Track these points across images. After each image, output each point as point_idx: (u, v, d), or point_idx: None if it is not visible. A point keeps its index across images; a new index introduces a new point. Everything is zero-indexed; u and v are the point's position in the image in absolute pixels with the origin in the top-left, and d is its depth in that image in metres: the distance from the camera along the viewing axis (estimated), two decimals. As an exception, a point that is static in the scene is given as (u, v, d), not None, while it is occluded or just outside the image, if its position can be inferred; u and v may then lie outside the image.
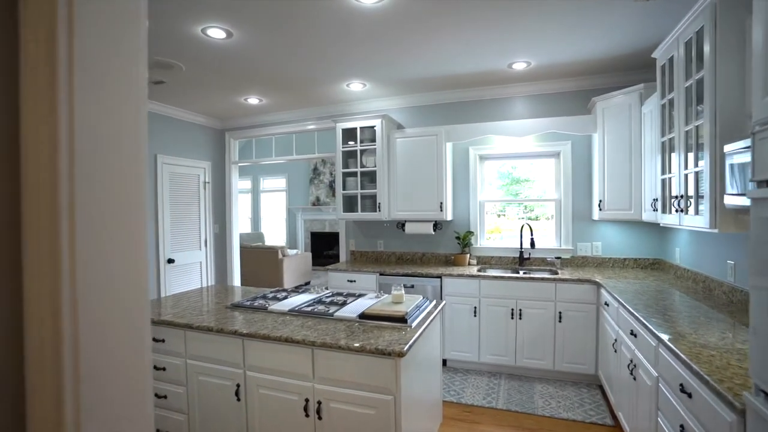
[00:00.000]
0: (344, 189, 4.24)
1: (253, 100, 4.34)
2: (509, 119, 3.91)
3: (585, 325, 3.24)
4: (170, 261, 4.59)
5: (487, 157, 4.22)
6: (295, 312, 2.29)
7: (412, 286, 3.72)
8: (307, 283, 7.88)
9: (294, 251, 7.53)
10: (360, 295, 2.65)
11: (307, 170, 9.95)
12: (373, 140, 4.12)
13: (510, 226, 4.38)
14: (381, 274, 3.83)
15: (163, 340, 2.25)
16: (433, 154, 3.93)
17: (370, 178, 4.26)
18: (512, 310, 3.43)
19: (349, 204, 4.35)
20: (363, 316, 2.15)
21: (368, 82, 3.83)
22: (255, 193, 10.62)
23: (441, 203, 3.92)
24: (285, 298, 2.63)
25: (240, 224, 10.80)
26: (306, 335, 1.90)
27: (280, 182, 10.38)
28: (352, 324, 2.09)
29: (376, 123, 4.02)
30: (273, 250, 7.03)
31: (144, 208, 0.63)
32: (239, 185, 11.01)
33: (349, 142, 4.23)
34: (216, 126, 5.25)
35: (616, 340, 2.58)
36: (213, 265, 5.21)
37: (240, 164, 5.43)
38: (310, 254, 7.94)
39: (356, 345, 1.76)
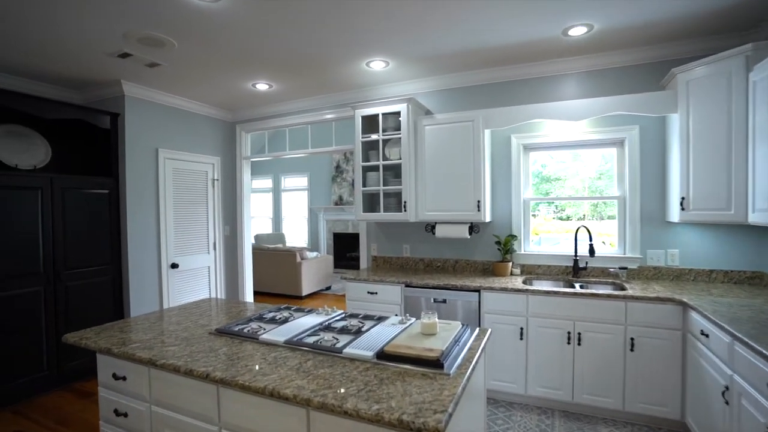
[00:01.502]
0: (365, 185, 3.68)
1: (262, 86, 3.85)
2: (562, 100, 3.24)
3: (666, 357, 2.55)
4: (174, 266, 4.16)
5: (532, 147, 3.56)
6: (294, 343, 1.74)
7: (444, 301, 3.12)
8: (328, 288, 7.38)
9: (314, 254, 7.05)
10: (380, 319, 2.08)
11: (330, 168, 9.48)
12: (398, 129, 3.53)
13: (551, 227, 3.70)
14: (407, 286, 3.24)
15: (125, 378, 1.75)
16: (469, 143, 3.31)
17: (394, 172, 3.68)
18: (569, 333, 2.77)
19: (370, 203, 3.78)
20: (382, 355, 1.57)
21: (392, 59, 3.25)
22: (276, 192, 10.24)
23: (478, 202, 3.29)
24: (285, 320, 2.09)
25: (260, 225, 10.47)
26: (300, 387, 1.34)
27: (302, 181, 9.96)
28: (367, 368, 1.51)
29: (401, 108, 3.43)
30: (291, 253, 6.57)
31: None
32: (260, 184, 10.73)
33: (371, 133, 3.66)
34: (226, 118, 4.80)
35: (728, 388, 1.89)
36: (223, 270, 4.77)
37: (252, 159, 4.96)
38: (331, 257, 7.44)
39: (370, 411, 1.18)
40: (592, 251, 3.11)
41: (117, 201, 3.75)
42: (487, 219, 3.43)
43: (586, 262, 3.27)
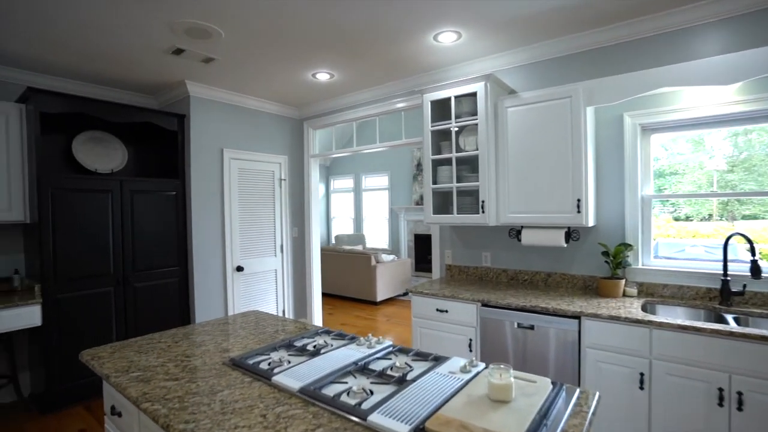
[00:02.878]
0: (435, 182, 3.14)
1: (323, 75, 3.52)
2: (693, 60, 2.33)
3: None
4: (239, 269, 4.06)
5: (655, 128, 2.68)
6: (310, 394, 1.30)
7: (531, 327, 2.44)
8: (405, 294, 6.94)
9: (390, 257, 6.66)
10: (436, 362, 1.54)
11: (410, 166, 9.04)
12: (474, 114, 2.93)
13: (670, 230, 2.76)
14: (484, 305, 2.63)
15: (120, 414, 1.48)
16: (565, 126, 2.58)
17: (470, 166, 3.08)
18: (720, 391, 1.92)
19: (442, 202, 3.23)
20: (422, 433, 1.05)
21: (464, 28, 2.66)
22: (357, 192, 10.12)
23: (578, 201, 2.54)
24: (317, 352, 1.66)
25: (341, 225, 10.45)
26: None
27: (382, 180, 9.68)
28: (397, 453, 1.00)
29: (477, 88, 2.82)
30: (365, 256, 6.26)
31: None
32: (340, 184, 10.72)
33: (441, 120, 3.11)
34: (293, 115, 4.62)
35: None
36: (290, 273, 4.59)
37: (321, 157, 4.71)
38: (409, 260, 6.99)
39: None
40: (756, 270, 2.17)
41: (183, 203, 3.73)
42: (590, 222, 2.65)
43: (744, 285, 2.32)
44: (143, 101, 4.01)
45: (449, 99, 3.00)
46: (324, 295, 6.98)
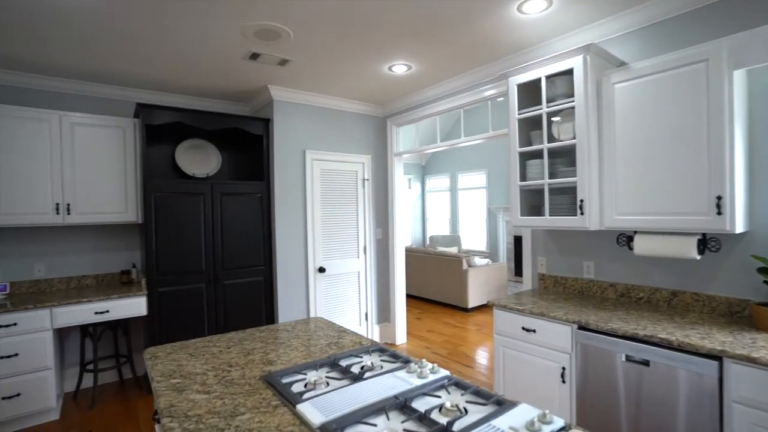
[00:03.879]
0: (523, 179, 2.70)
1: (400, 67, 3.30)
2: None
3: None
4: (321, 270, 4.07)
5: None
6: (331, 433, 1.08)
7: (646, 363, 1.89)
8: (501, 301, 6.36)
9: (484, 261, 6.17)
10: (500, 407, 1.21)
11: (508, 164, 8.34)
12: (570, 95, 2.43)
13: None
14: (581, 328, 2.14)
15: (158, 421, 1.45)
16: (699, 100, 1.95)
17: (566, 159, 2.57)
18: None
19: (532, 202, 2.77)
20: None
21: (556, -10, 2.20)
22: (453, 191, 9.73)
23: (718, 199, 1.90)
24: (360, 376, 1.44)
25: (436, 226, 10.15)
26: None
27: (479, 178, 9.14)
28: None
29: (575, 63, 2.32)
30: (456, 259, 5.89)
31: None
32: (435, 184, 10.41)
33: (530, 106, 2.66)
34: (376, 113, 4.50)
35: None
36: (374, 275, 4.49)
37: (406, 155, 4.51)
38: (506, 264, 6.40)
39: None
40: None
41: (269, 204, 3.86)
42: (738, 228, 1.97)
43: None
44: (235, 108, 4.27)
45: (539, 80, 2.54)
46: (413, 298, 6.79)
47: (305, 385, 1.40)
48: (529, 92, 2.68)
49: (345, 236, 4.29)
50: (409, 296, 6.93)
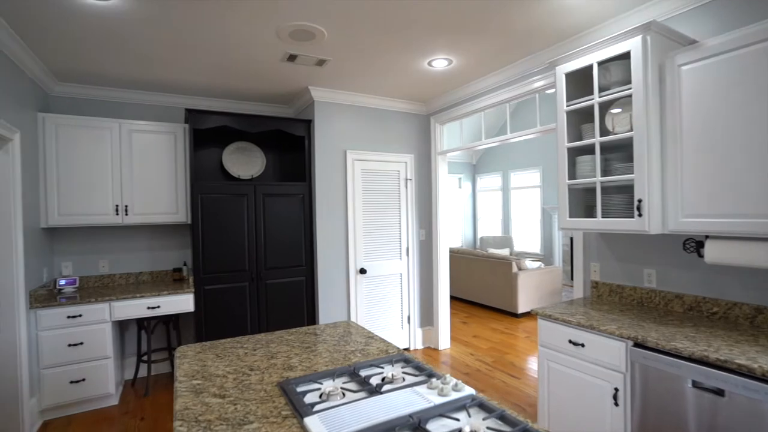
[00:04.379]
0: (572, 177, 2.46)
1: (440, 62, 3.17)
2: None
3: None
4: (362, 271, 4.04)
5: None
6: (332, 454, 1.01)
7: (720, 393, 1.62)
8: (555, 307, 5.97)
9: (536, 264, 5.82)
10: (517, 436, 1.06)
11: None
12: (627, 82, 2.17)
13: None
14: (638, 345, 1.89)
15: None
16: (790, 79, 1.63)
17: (622, 154, 2.31)
18: None
19: (582, 202, 2.52)
20: None
21: (609, -35, 1.96)
22: (505, 191, 9.32)
23: (816, 198, 1.58)
24: (378, 389, 1.36)
25: (488, 227, 9.78)
26: None
27: (533, 177, 8.67)
28: None
29: (632, 45, 2.06)
30: (506, 262, 5.60)
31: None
32: (487, 183, 10.03)
33: (580, 97, 2.42)
34: (420, 111, 4.38)
35: None
36: (417, 278, 4.38)
37: (450, 153, 4.35)
38: (560, 268, 6.00)
39: None
40: None
41: (310, 205, 3.89)
42: None
43: None
44: (280, 111, 4.36)
45: (590, 67, 2.29)
46: (460, 301, 6.58)
47: (320, 395, 1.34)
48: (579, 81, 2.44)
49: (387, 237, 4.22)
50: (455, 299, 6.73)
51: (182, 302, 3.35)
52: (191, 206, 3.39)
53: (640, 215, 2.05)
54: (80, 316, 3.02)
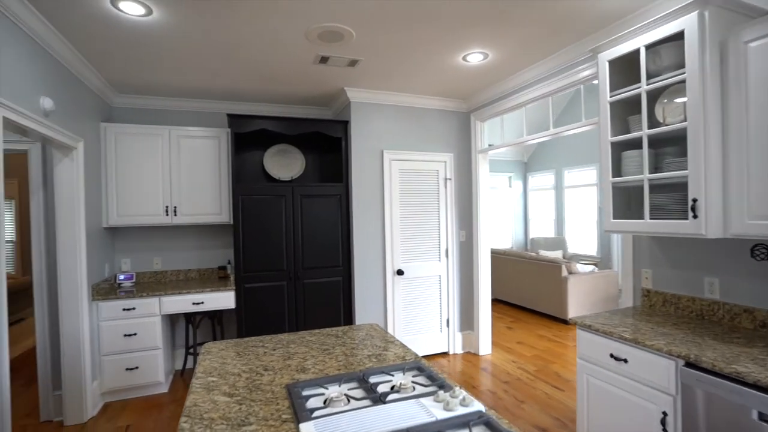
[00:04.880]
0: (616, 174, 2.24)
1: (475, 56, 3.04)
2: None
3: None
4: (399, 272, 3.99)
5: None
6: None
7: (788, 424, 1.38)
8: (612, 315, 5.52)
9: (588, 268, 5.44)
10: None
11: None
12: (679, 66, 1.92)
13: None
14: (690, 365, 1.67)
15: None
16: None
17: (675, 148, 2.06)
18: None
19: (628, 202, 2.29)
20: None
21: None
22: (558, 190, 8.81)
23: None
24: (382, 398, 1.31)
25: (540, 227, 9.29)
26: None
27: (589, 174, 8.10)
28: None
29: (686, 23, 1.82)
30: (554, 265, 5.28)
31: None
32: (538, 182, 9.52)
33: (626, 86, 2.19)
34: (459, 108, 4.24)
35: None
36: (456, 280, 4.25)
37: (491, 152, 4.18)
38: (617, 272, 5.54)
39: None
40: None
41: (347, 205, 3.91)
42: None
43: None
44: (319, 113, 4.43)
45: (637, 52, 2.07)
46: (506, 305, 6.31)
47: (324, 401, 1.31)
48: (625, 69, 2.21)
49: (425, 238, 4.14)
50: (501, 302, 6.47)
51: (224, 299, 3.50)
52: (233, 207, 3.54)
53: (695, 216, 1.81)
54: (134, 309, 3.26)
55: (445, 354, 4.19)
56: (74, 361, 2.97)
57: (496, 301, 6.67)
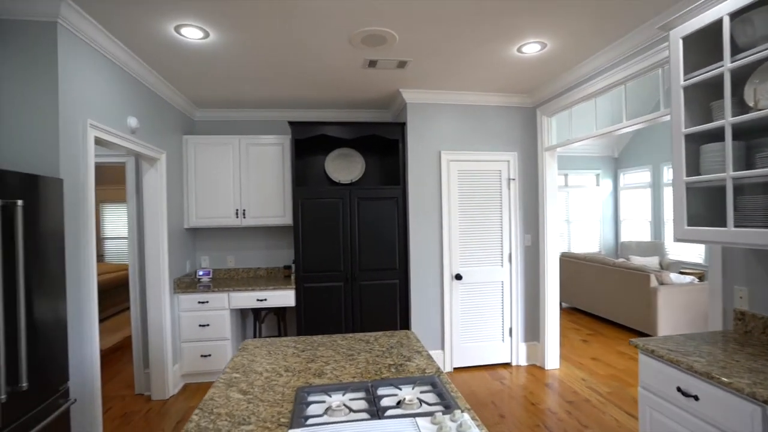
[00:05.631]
0: (693, 173, 1.90)
1: (532, 46, 2.81)
2: None
3: None
4: (458, 277, 3.85)
5: None
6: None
7: None
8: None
9: (686, 279, 4.70)
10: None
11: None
12: (775, 37, 1.56)
13: None
14: (777, 408, 1.34)
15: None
16: None
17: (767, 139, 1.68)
18: None
19: (707, 206, 1.93)
20: None
21: None
22: (656, 188, 7.77)
23: None
24: (378, 413, 1.27)
25: (632, 230, 8.26)
26: None
27: (698, 169, 6.98)
28: None
29: (780, -15, 1.47)
30: (642, 274, 4.67)
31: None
32: (633, 179, 8.45)
33: (704, 66, 1.84)
34: (523, 104, 3.96)
35: None
36: (521, 287, 3.97)
37: (559, 149, 3.83)
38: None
39: None
40: None
41: (404, 208, 3.87)
42: None
43: None
44: (379, 116, 4.46)
45: (719, 23, 1.72)
46: (585, 315, 5.73)
47: (326, 409, 1.31)
48: (702, 46, 1.86)
49: (486, 242, 3.94)
50: (578, 311, 5.90)
51: (285, 297, 3.71)
52: (293, 210, 3.72)
53: (792, 225, 1.45)
54: (207, 302, 3.61)
55: (507, 365, 3.94)
56: (158, 346, 3.37)
57: (572, 310, 6.11)
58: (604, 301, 5.29)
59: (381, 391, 1.45)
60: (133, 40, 2.55)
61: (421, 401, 1.35)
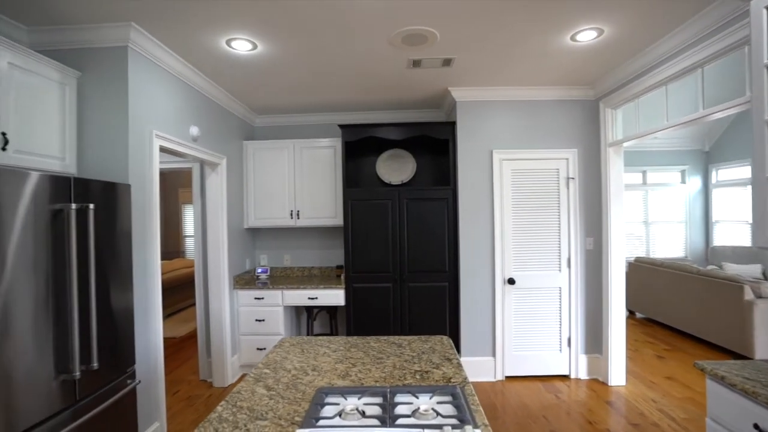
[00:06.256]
0: (781, 169, 1.62)
1: (587, 33, 2.58)
2: None
3: None
4: (511, 281, 3.66)
5: None
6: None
7: None
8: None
9: (794, 291, 4.01)
10: None
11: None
12: None
13: None
14: None
15: (246, 406, 1.67)
16: None
17: None
18: None
19: (803, 208, 1.62)
20: None
21: None
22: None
23: None
24: (389, 420, 1.24)
25: (727, 232, 7.23)
26: None
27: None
28: None
29: None
30: (734, 285, 4.09)
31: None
32: (729, 175, 7.38)
33: (794, 40, 1.56)
34: (584, 96, 3.66)
35: None
36: (581, 295, 3.68)
37: (626, 144, 3.48)
38: None
39: None
40: None
41: (455, 209, 3.78)
42: None
43: None
44: (431, 116, 4.39)
45: (809, -9, 1.44)
46: (663, 327, 5.15)
47: (339, 411, 1.32)
48: (793, 18, 1.57)
49: (542, 245, 3.70)
50: (655, 323, 5.31)
51: (335, 296, 3.80)
52: (343, 211, 3.80)
53: None
54: (263, 299, 3.81)
55: (565, 377, 3.67)
56: (219, 337, 3.63)
57: (648, 322, 5.51)
58: (686, 314, 4.71)
59: (398, 398, 1.42)
60: (191, 54, 2.77)
61: (437, 412, 1.29)
